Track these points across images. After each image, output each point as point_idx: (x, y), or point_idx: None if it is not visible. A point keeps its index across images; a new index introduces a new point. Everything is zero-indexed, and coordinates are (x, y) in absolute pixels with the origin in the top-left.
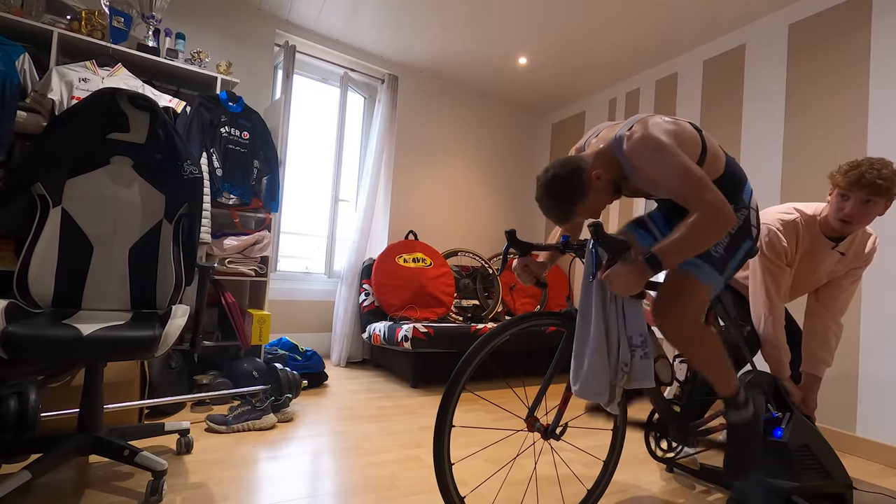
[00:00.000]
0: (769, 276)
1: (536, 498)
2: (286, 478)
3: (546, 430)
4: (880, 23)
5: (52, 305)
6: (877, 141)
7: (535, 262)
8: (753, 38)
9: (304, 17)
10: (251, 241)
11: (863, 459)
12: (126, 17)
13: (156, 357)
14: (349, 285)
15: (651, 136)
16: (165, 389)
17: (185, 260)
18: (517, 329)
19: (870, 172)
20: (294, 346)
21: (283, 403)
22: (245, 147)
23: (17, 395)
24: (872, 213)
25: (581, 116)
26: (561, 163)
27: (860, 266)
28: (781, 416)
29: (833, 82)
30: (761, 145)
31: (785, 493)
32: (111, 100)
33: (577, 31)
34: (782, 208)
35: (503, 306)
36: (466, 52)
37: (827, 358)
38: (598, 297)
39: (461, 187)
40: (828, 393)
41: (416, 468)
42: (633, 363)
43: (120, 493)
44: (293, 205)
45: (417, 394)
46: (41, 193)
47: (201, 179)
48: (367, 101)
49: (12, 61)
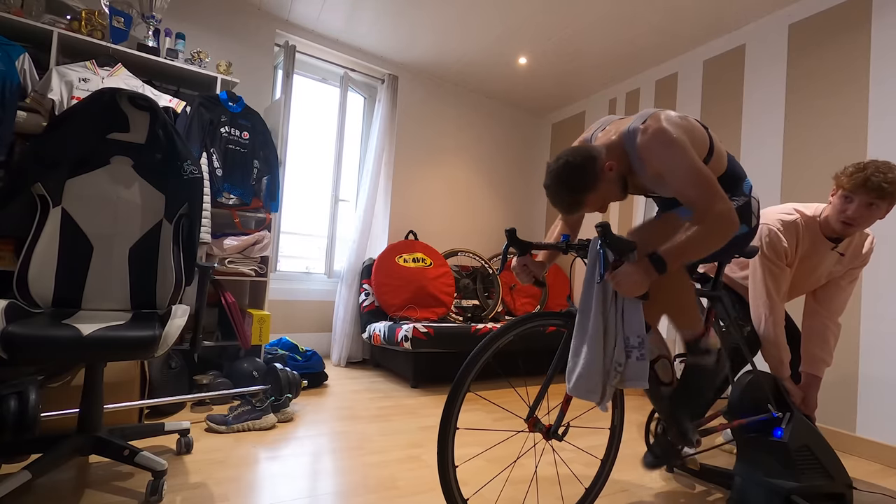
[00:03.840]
0: (769, 277)
1: (537, 498)
2: (286, 478)
3: (548, 430)
4: (880, 23)
5: (52, 305)
6: (877, 140)
7: (533, 262)
8: (753, 38)
9: (304, 17)
10: (251, 241)
11: (863, 459)
12: (126, 17)
13: (156, 357)
14: (349, 285)
15: (665, 130)
16: (165, 389)
17: (185, 260)
18: (520, 330)
19: (876, 176)
20: (294, 346)
21: (283, 403)
22: (245, 147)
23: (17, 395)
24: (874, 216)
25: (581, 116)
26: (574, 150)
27: (858, 266)
28: (781, 416)
29: (833, 82)
30: (761, 145)
31: (785, 493)
32: (111, 100)
33: (577, 31)
34: (782, 209)
35: (503, 306)
36: (466, 52)
37: (826, 357)
38: (599, 297)
39: (461, 187)
40: (828, 393)
41: (417, 468)
42: (629, 364)
43: (120, 493)
44: (293, 205)
45: (417, 394)
46: (41, 193)
47: (201, 179)
48: (367, 101)
49: (12, 61)
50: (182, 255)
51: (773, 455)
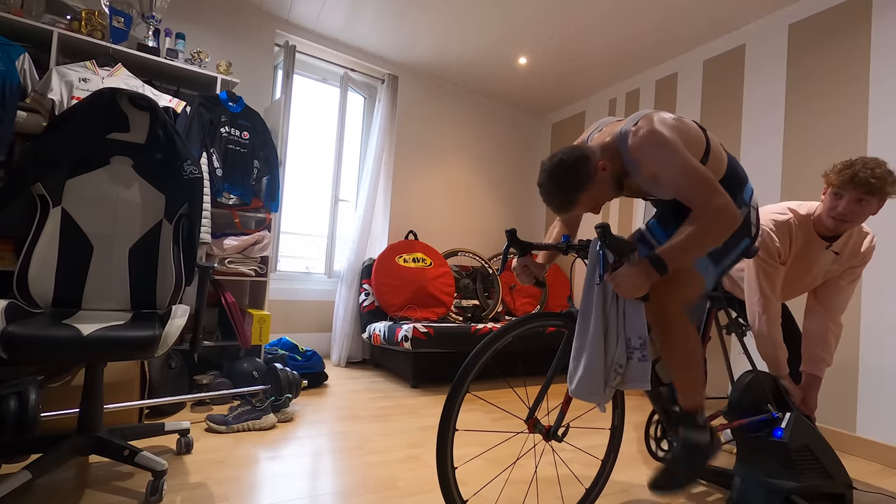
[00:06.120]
0: (763, 275)
1: (537, 499)
2: (286, 478)
3: (547, 431)
4: (880, 23)
5: (52, 305)
6: (876, 140)
7: (533, 263)
8: (753, 38)
9: (304, 17)
10: (251, 241)
11: (863, 459)
12: (126, 17)
13: (156, 357)
14: (349, 285)
15: (656, 131)
16: (165, 389)
17: (185, 260)
18: (520, 331)
19: (863, 171)
20: (294, 346)
21: (283, 403)
22: (245, 147)
23: (17, 395)
24: (865, 212)
25: (581, 116)
26: (568, 150)
27: (857, 265)
28: (781, 415)
29: (833, 82)
30: (761, 145)
31: (785, 493)
32: (111, 100)
33: (578, 29)
34: (776, 208)
35: (503, 306)
36: (466, 52)
37: (827, 357)
38: (600, 298)
39: (461, 187)
40: (828, 393)
41: (417, 468)
42: (630, 365)
43: (120, 493)
44: (293, 205)
45: (417, 394)
46: (41, 193)
47: (201, 179)
48: (367, 101)
49: (12, 61)
50: (182, 255)
51: (773, 455)
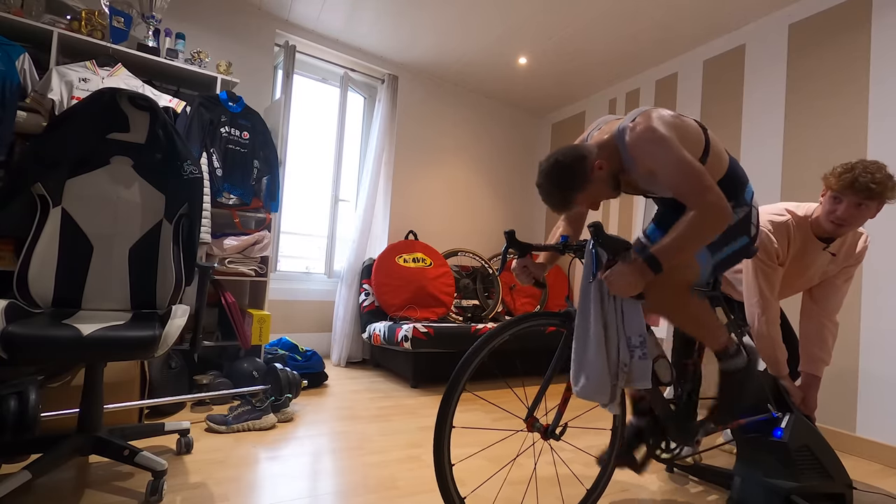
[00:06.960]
0: (762, 276)
1: (536, 498)
2: (286, 478)
3: (546, 430)
4: (880, 23)
5: (52, 305)
6: (876, 140)
7: (533, 263)
8: (753, 38)
9: (304, 17)
10: (251, 241)
11: (863, 459)
12: (126, 17)
13: (156, 357)
14: (349, 285)
15: (652, 128)
16: (165, 389)
17: (185, 260)
18: (517, 329)
19: (863, 176)
20: (294, 346)
21: (283, 403)
22: (245, 147)
23: (17, 395)
24: (864, 216)
25: (581, 116)
26: (565, 150)
27: (852, 265)
28: (781, 416)
29: (833, 82)
30: (761, 145)
31: (785, 493)
32: (111, 100)
33: (579, 29)
34: (774, 209)
35: (503, 306)
36: (466, 52)
37: (825, 357)
38: (597, 298)
39: (461, 187)
40: (828, 393)
41: (417, 468)
42: (632, 363)
43: (120, 493)
44: (293, 205)
45: (417, 394)
46: (41, 193)
47: (201, 179)
48: (367, 101)
49: (12, 61)
50: (182, 255)
51: (773, 455)
